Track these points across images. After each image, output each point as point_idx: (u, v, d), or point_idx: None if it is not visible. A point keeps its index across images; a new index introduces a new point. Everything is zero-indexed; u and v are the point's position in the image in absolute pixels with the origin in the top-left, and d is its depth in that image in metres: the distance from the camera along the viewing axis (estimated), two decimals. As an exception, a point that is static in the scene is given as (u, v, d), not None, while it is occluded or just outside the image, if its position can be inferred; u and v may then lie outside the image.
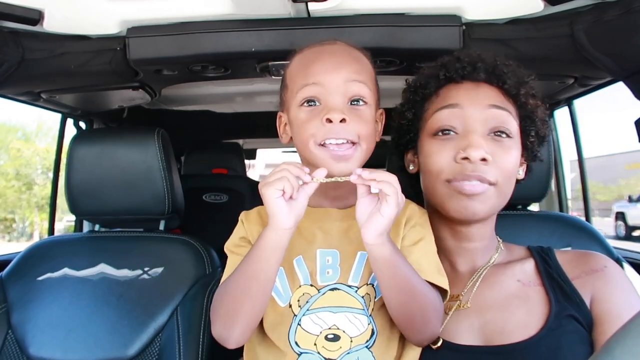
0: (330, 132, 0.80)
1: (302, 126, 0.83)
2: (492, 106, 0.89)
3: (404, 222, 0.88)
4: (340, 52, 0.87)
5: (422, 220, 0.91)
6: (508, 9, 1.12)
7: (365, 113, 0.84)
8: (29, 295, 1.25)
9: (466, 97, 0.90)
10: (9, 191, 13.79)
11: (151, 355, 1.18)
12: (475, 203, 0.87)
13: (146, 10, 1.14)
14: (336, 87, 0.82)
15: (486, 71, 0.91)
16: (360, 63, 0.87)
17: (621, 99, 1.33)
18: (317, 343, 0.81)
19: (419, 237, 0.88)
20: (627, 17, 0.97)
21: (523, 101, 0.91)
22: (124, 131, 1.46)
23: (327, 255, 0.85)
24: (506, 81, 0.90)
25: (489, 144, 0.87)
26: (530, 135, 0.93)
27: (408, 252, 0.85)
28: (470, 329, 0.89)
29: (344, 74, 0.83)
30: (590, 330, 0.84)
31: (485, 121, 0.88)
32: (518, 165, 0.92)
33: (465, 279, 0.95)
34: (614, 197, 16.68)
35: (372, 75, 0.89)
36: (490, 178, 0.86)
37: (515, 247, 1.01)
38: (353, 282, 0.84)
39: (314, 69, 0.84)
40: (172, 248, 1.30)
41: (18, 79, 1.26)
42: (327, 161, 0.81)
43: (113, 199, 1.29)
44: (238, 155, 2.82)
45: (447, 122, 0.90)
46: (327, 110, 0.80)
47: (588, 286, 0.88)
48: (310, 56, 0.87)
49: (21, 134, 15.36)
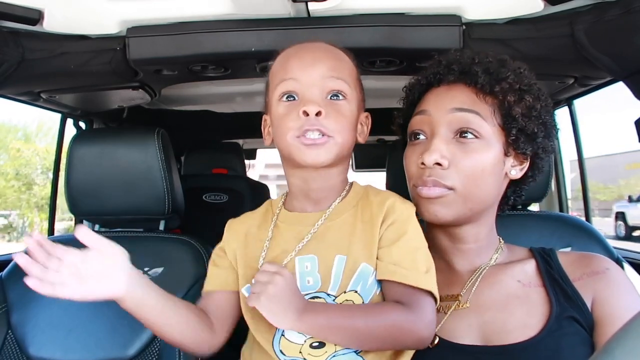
0: (306, 124, 0.80)
1: (281, 120, 0.84)
2: (456, 109, 0.89)
3: (380, 221, 0.85)
4: (319, 49, 0.88)
5: (403, 217, 0.86)
6: (508, 8, 1.12)
7: (343, 108, 0.84)
8: (29, 295, 1.24)
9: (434, 102, 0.92)
10: (9, 191, 13.79)
11: (151, 355, 1.18)
12: (436, 207, 0.88)
13: (146, 10, 1.14)
14: (313, 82, 0.83)
15: (460, 72, 0.91)
16: (339, 60, 0.87)
17: (621, 99, 1.33)
18: (302, 351, 0.80)
19: (397, 235, 0.83)
20: (627, 17, 0.97)
21: (500, 98, 0.89)
22: (124, 131, 1.46)
23: (305, 261, 0.84)
24: (478, 80, 0.89)
25: (451, 148, 0.88)
26: (511, 133, 0.89)
27: (385, 254, 0.83)
28: (469, 329, 0.88)
29: (321, 70, 0.83)
30: (592, 332, 0.84)
31: (449, 124, 0.89)
32: (492, 166, 0.88)
33: (464, 278, 0.94)
34: (614, 197, 16.69)
35: (353, 74, 0.89)
36: (446, 182, 0.87)
37: (517, 248, 1.00)
38: (332, 291, 0.82)
39: (292, 65, 0.85)
40: (172, 248, 1.30)
41: (18, 79, 1.26)
42: (300, 149, 0.82)
43: (113, 199, 1.29)
44: (238, 155, 2.82)
45: (417, 127, 0.93)
46: (303, 103, 0.81)
47: (590, 288, 0.87)
48: (290, 53, 0.88)
49: (21, 134, 15.37)
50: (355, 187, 0.92)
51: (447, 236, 0.96)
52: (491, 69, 0.90)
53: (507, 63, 0.92)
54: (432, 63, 0.97)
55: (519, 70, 0.91)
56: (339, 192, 0.90)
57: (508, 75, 0.89)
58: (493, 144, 0.89)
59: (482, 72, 0.89)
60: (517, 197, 1.01)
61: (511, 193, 1.00)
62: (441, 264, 0.97)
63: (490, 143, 0.88)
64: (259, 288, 0.75)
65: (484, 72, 0.89)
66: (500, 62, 0.92)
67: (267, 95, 0.91)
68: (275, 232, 0.89)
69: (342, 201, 0.89)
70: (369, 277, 0.82)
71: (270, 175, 13.03)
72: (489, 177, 0.89)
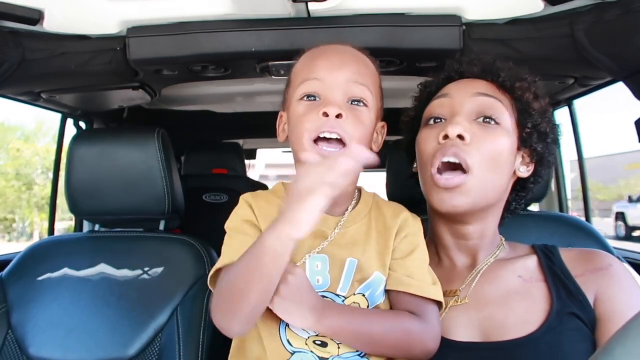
0: (325, 125, 0.79)
1: (299, 119, 0.83)
2: (480, 94, 0.91)
3: (394, 233, 0.87)
4: (347, 52, 0.87)
5: (414, 230, 0.89)
6: (508, 9, 1.12)
7: (363, 115, 0.83)
8: (29, 295, 1.25)
9: (456, 87, 0.94)
10: (9, 191, 13.79)
11: (151, 355, 1.18)
12: (454, 195, 0.87)
13: (146, 10, 1.14)
14: (337, 85, 0.82)
15: (482, 68, 0.94)
16: (365, 66, 0.87)
17: (621, 99, 1.33)
18: (308, 344, 0.80)
19: (410, 249, 0.86)
20: (627, 17, 0.97)
21: (519, 94, 0.91)
22: (124, 131, 1.46)
23: (316, 260, 0.84)
24: (500, 74, 0.92)
25: (472, 127, 0.88)
26: (526, 127, 0.91)
27: (399, 265, 0.84)
28: (468, 325, 0.88)
29: (346, 73, 0.83)
30: (593, 328, 0.84)
31: (471, 107, 0.90)
32: (507, 154, 0.89)
33: (464, 274, 0.95)
34: (614, 197, 16.67)
35: (377, 82, 0.88)
36: (466, 157, 0.85)
37: (519, 245, 1.00)
38: (341, 291, 0.82)
39: (317, 65, 0.84)
40: (172, 248, 1.30)
41: (18, 79, 1.26)
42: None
43: (113, 199, 1.29)
44: (238, 155, 2.81)
45: (437, 109, 0.94)
46: (325, 104, 0.80)
47: (592, 284, 0.87)
48: (316, 53, 0.88)
49: (20, 133, 15.35)
50: (364, 194, 0.92)
51: (452, 232, 0.96)
52: (511, 69, 0.93)
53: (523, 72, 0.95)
54: (452, 61, 0.98)
55: (534, 80, 0.95)
56: (350, 194, 0.90)
57: (526, 77, 0.93)
58: (510, 134, 0.90)
59: (506, 69, 0.93)
60: (518, 203, 1.02)
61: (513, 198, 1.00)
62: (442, 260, 0.98)
63: (508, 132, 0.90)
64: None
65: (506, 70, 0.93)
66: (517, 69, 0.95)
67: (287, 92, 0.90)
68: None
69: (354, 209, 0.89)
70: (379, 286, 0.83)
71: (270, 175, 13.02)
72: (504, 165, 0.90)
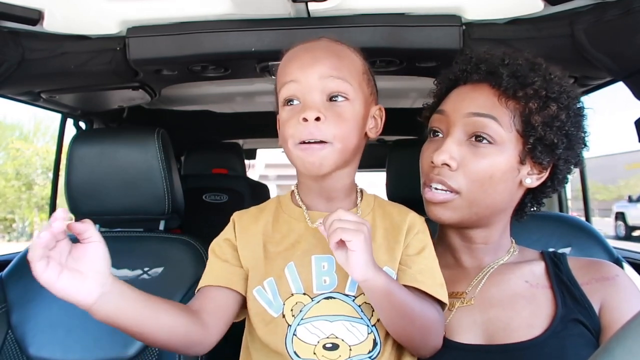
0: (304, 132, 0.78)
1: (283, 126, 0.83)
2: (473, 114, 0.88)
3: (405, 229, 0.87)
4: (319, 48, 0.85)
5: (423, 228, 0.90)
6: (508, 9, 1.12)
7: (345, 110, 0.81)
8: (29, 295, 1.25)
9: (453, 103, 0.93)
10: (9, 191, 13.78)
11: (151, 355, 1.18)
12: (440, 209, 0.90)
13: (146, 10, 1.14)
14: (312, 84, 0.80)
15: (486, 72, 0.90)
16: (339, 58, 0.83)
17: (621, 99, 1.33)
18: (316, 352, 0.79)
19: (422, 245, 0.87)
20: (627, 17, 0.97)
21: (523, 103, 0.87)
22: (124, 131, 1.46)
23: (322, 261, 0.83)
24: (502, 83, 0.87)
25: (462, 150, 0.87)
26: (528, 140, 0.86)
27: (412, 262, 0.84)
28: (473, 327, 0.89)
29: (320, 69, 0.80)
30: (598, 336, 0.84)
31: (464, 127, 0.89)
32: (502, 173, 0.87)
33: (471, 276, 0.95)
34: (614, 197, 16.66)
35: (357, 69, 0.85)
36: (452, 184, 0.87)
37: (528, 250, 1.00)
38: (350, 291, 0.82)
39: (291, 66, 0.83)
40: (172, 248, 1.30)
41: (18, 79, 1.26)
42: (300, 156, 0.80)
43: (113, 199, 1.29)
44: (238, 155, 2.82)
45: (435, 123, 0.94)
46: (303, 109, 0.79)
47: (598, 293, 0.87)
48: (290, 54, 0.86)
49: (19, 133, 15.33)
50: (365, 195, 0.92)
51: (458, 235, 0.96)
52: (519, 72, 0.87)
53: (538, 67, 0.89)
54: (462, 59, 0.96)
55: (550, 77, 0.88)
56: (350, 192, 0.90)
57: (535, 81, 0.86)
58: (507, 151, 0.87)
59: (508, 74, 0.87)
60: (536, 205, 0.99)
61: (529, 200, 0.97)
62: (449, 261, 0.98)
63: (503, 150, 0.86)
64: (349, 235, 0.70)
65: (510, 75, 0.87)
66: (531, 66, 0.89)
67: (275, 97, 0.90)
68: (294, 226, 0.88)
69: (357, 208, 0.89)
70: None
71: (270, 175, 13.04)
72: (498, 184, 0.87)
